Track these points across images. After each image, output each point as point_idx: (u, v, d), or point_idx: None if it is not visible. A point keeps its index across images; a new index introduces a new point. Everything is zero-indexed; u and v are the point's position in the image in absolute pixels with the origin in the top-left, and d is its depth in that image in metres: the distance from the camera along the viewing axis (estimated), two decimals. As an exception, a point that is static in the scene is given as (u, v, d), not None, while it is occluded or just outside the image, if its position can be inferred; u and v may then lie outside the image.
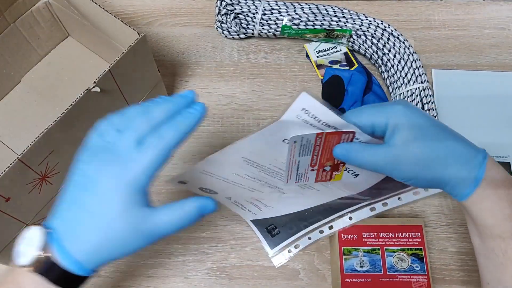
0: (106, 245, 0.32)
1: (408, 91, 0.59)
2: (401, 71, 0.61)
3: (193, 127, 0.34)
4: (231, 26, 0.66)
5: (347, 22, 0.64)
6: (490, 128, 0.62)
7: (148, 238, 0.33)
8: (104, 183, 0.32)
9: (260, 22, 0.65)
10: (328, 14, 0.64)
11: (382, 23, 0.64)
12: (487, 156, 0.36)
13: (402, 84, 0.60)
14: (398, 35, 0.63)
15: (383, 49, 0.63)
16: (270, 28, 0.65)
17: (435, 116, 0.58)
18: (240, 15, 0.66)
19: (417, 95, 0.58)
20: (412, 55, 0.61)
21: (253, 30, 0.66)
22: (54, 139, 0.44)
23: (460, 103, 0.64)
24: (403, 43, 0.62)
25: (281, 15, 0.64)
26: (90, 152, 0.34)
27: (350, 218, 0.48)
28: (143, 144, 0.33)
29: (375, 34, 0.63)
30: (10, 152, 0.58)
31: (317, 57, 0.67)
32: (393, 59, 0.62)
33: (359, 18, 0.64)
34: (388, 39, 0.63)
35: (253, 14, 0.65)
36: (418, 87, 0.59)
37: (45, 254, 0.31)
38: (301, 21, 0.64)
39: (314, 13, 0.64)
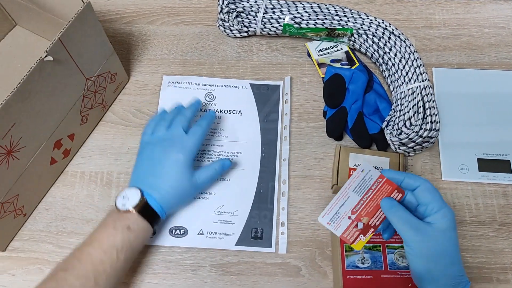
0: (175, 194, 0.52)
1: (409, 89, 0.60)
2: (402, 70, 0.61)
3: (213, 120, 0.59)
4: (233, 24, 0.67)
5: (348, 21, 0.64)
6: (490, 126, 0.62)
7: (197, 188, 0.54)
8: (171, 158, 0.52)
9: (262, 21, 0.65)
10: (329, 13, 0.64)
11: (383, 22, 0.64)
12: (470, 282, 0.45)
13: (403, 83, 0.61)
14: (399, 34, 0.63)
15: (384, 48, 0.63)
16: (272, 26, 0.66)
17: (436, 115, 0.58)
18: (242, 14, 0.66)
19: (418, 94, 0.59)
20: (413, 53, 0.62)
21: (255, 28, 0.67)
22: (14, 111, 0.46)
23: (460, 102, 0.64)
24: (404, 42, 0.63)
25: (282, 13, 0.65)
26: (151, 144, 0.54)
27: None
28: (189, 131, 0.54)
29: (376, 33, 0.64)
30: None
31: (319, 55, 0.67)
32: (394, 58, 0.62)
33: (360, 17, 0.64)
34: (389, 38, 0.63)
35: (255, 12, 0.65)
36: (419, 86, 0.59)
37: (143, 200, 0.50)
38: (303, 19, 0.64)
39: (315, 12, 0.64)
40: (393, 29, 0.64)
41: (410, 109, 0.58)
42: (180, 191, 0.52)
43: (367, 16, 0.64)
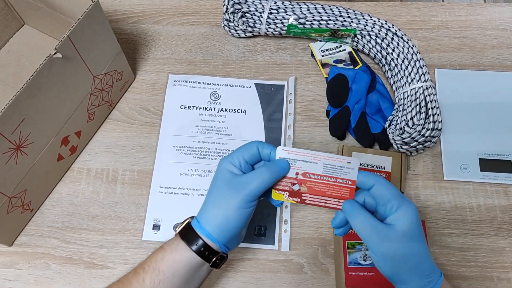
0: (219, 213, 0.44)
1: (411, 89, 0.60)
2: (404, 70, 0.62)
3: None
4: (238, 24, 0.68)
5: (352, 22, 0.65)
6: (492, 127, 0.63)
7: (243, 199, 0.43)
8: (229, 196, 0.44)
9: (267, 21, 0.66)
10: (333, 14, 0.65)
11: (386, 23, 0.65)
12: (442, 275, 0.43)
13: (405, 83, 0.61)
14: (402, 35, 0.64)
15: (387, 48, 0.64)
16: (276, 27, 0.66)
17: (438, 115, 0.59)
18: (247, 14, 0.67)
19: (420, 94, 0.59)
20: (416, 54, 0.63)
21: (259, 29, 0.67)
22: (24, 107, 0.47)
23: (462, 102, 0.65)
24: (407, 42, 0.63)
25: (287, 14, 0.66)
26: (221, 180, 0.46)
27: None
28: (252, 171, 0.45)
29: (379, 34, 0.64)
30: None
31: (322, 56, 0.68)
32: (397, 59, 0.63)
33: (364, 18, 0.65)
34: (392, 39, 0.64)
35: (260, 13, 0.66)
36: (422, 86, 0.60)
37: (184, 224, 0.45)
38: (307, 20, 0.65)
39: (319, 13, 0.65)
40: (396, 30, 0.64)
41: (412, 109, 0.59)
42: (224, 203, 0.44)
43: (371, 17, 0.65)
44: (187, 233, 0.44)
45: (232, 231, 0.44)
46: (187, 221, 0.46)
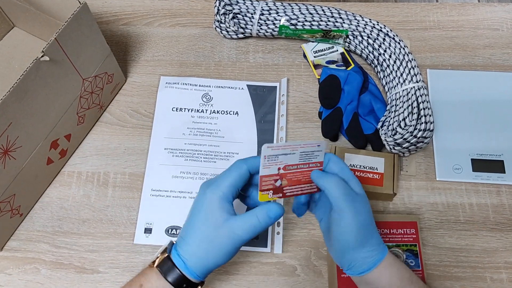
0: (202, 245, 0.42)
1: (403, 90, 0.60)
2: (396, 71, 0.62)
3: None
4: (229, 26, 0.67)
5: (344, 22, 0.65)
6: (484, 127, 0.63)
7: (230, 243, 0.42)
8: (216, 238, 0.42)
9: (258, 22, 0.66)
10: (325, 14, 0.65)
11: (378, 24, 0.65)
12: (387, 248, 0.46)
13: (397, 84, 0.61)
14: (394, 35, 0.64)
15: (379, 49, 0.64)
16: (268, 28, 0.66)
17: (430, 115, 0.59)
18: (238, 15, 0.66)
19: (412, 94, 0.59)
20: (408, 55, 0.62)
21: (251, 30, 0.67)
22: (11, 111, 0.46)
23: (454, 102, 0.65)
24: (399, 43, 0.63)
25: (278, 15, 0.65)
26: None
27: None
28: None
29: (371, 34, 0.64)
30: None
31: (314, 57, 0.68)
32: (389, 59, 0.63)
33: (355, 19, 0.65)
34: (384, 39, 0.64)
35: (251, 14, 0.66)
36: (414, 87, 0.60)
37: (163, 255, 0.44)
38: (299, 21, 0.65)
39: (311, 14, 0.65)
40: (387, 31, 0.64)
41: (404, 109, 0.58)
42: (209, 242, 0.42)
43: (362, 17, 0.65)
44: (165, 264, 0.43)
45: (214, 267, 0.43)
46: (165, 253, 0.44)
